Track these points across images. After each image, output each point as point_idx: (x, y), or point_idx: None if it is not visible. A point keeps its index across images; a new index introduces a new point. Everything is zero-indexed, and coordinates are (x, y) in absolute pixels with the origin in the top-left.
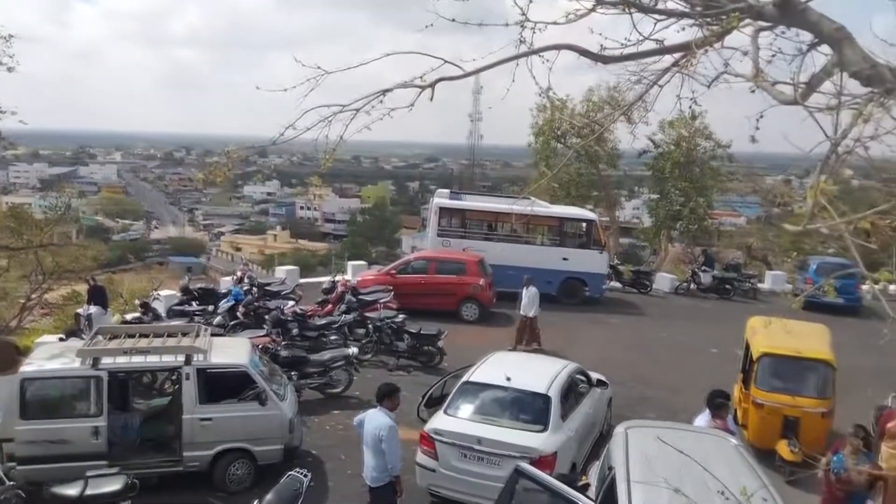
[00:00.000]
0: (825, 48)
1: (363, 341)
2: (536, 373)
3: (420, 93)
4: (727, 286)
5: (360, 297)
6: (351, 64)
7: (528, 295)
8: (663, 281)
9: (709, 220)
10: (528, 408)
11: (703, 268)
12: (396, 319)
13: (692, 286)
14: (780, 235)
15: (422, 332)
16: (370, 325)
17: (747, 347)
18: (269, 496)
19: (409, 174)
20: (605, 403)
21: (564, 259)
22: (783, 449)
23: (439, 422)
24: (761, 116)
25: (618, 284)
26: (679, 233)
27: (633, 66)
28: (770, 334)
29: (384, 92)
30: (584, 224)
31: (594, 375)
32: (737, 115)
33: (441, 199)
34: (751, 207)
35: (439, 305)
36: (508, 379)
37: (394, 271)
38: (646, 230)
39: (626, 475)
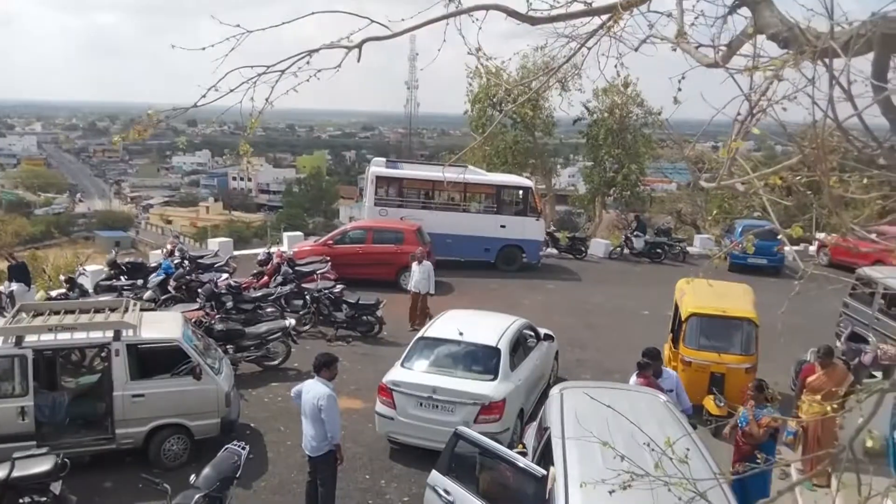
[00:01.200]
0: (746, 11)
1: (301, 313)
2: (487, 328)
3: (347, 54)
4: (658, 250)
5: (296, 268)
6: (276, 25)
7: (421, 270)
8: (598, 246)
9: (641, 186)
10: (479, 359)
11: (636, 233)
12: (334, 290)
13: (625, 251)
14: (709, 200)
15: (360, 302)
16: (307, 297)
17: (676, 308)
18: (206, 470)
19: (346, 143)
20: (552, 356)
21: (502, 226)
22: (710, 404)
23: (396, 374)
24: (683, 78)
25: (554, 251)
26: (613, 199)
27: (562, 29)
28: (697, 295)
29: (310, 53)
30: (520, 192)
31: (542, 330)
32: (668, 83)
33: (377, 167)
34: (681, 174)
35: (378, 275)
36: (461, 333)
37: (331, 242)
38: (581, 197)
39: (560, 433)
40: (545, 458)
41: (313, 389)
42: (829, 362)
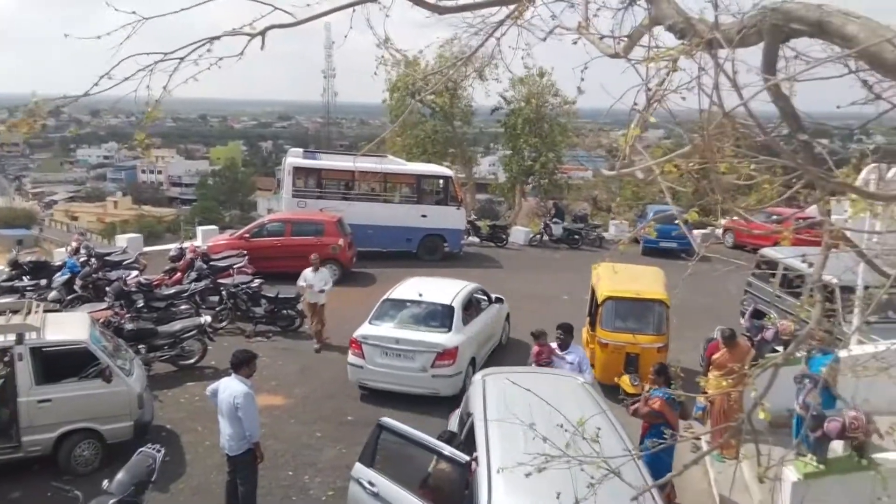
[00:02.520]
0: (644, 3)
1: (217, 309)
2: (443, 290)
3: (250, 41)
4: (576, 236)
5: (211, 263)
6: (174, 11)
7: (319, 278)
8: (518, 234)
9: (558, 174)
10: (436, 316)
11: (554, 220)
12: (252, 284)
13: (545, 238)
14: (623, 187)
15: (280, 295)
16: (224, 292)
17: (593, 293)
18: (119, 475)
19: (262, 133)
20: (504, 318)
21: (423, 216)
22: (625, 383)
23: (365, 329)
24: (586, 68)
25: (475, 239)
26: (532, 187)
27: (472, 19)
28: (612, 279)
29: (211, 40)
30: (441, 181)
31: (494, 295)
32: (586, 74)
33: (295, 158)
34: (596, 161)
35: (298, 268)
36: (420, 295)
37: (247, 235)
38: (501, 185)
39: (483, 418)
40: (468, 443)
41: (230, 387)
42: (732, 341)
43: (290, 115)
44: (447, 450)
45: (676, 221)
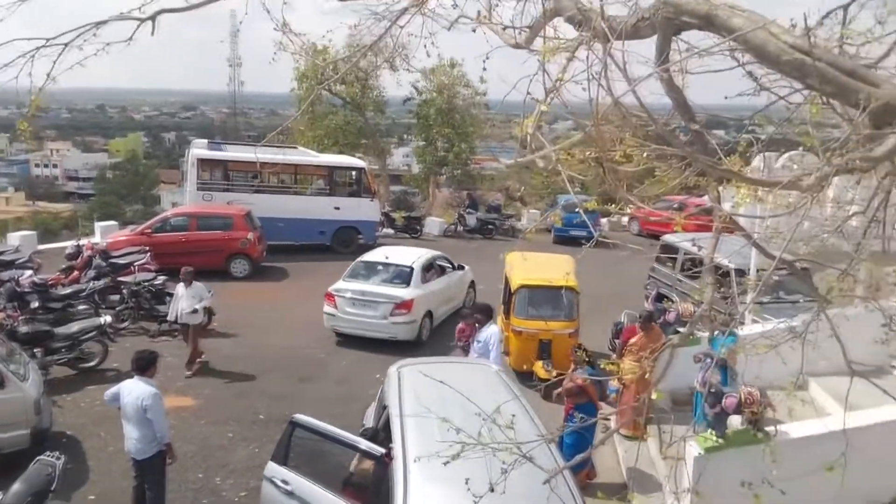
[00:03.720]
0: None
1: (118, 308)
2: (406, 255)
3: (139, 26)
4: (490, 226)
5: (111, 260)
6: None
7: (195, 294)
8: (433, 225)
9: (472, 164)
10: (398, 274)
11: (468, 210)
12: (155, 282)
13: (459, 228)
14: (534, 177)
15: None
16: (125, 291)
17: (507, 281)
18: (16, 486)
19: (164, 124)
20: (466, 284)
21: (336, 208)
22: (539, 369)
23: (338, 284)
24: (487, 58)
25: (390, 230)
26: (446, 178)
27: (375, 6)
28: (524, 268)
29: (97, 24)
30: (353, 172)
31: (458, 263)
32: (496, 63)
33: (199, 150)
34: (509, 152)
35: (205, 263)
36: (387, 258)
37: (149, 230)
38: (415, 176)
39: (398, 410)
40: (385, 436)
41: (135, 389)
42: (648, 325)
43: (194, 106)
44: (363, 443)
45: (577, 210)
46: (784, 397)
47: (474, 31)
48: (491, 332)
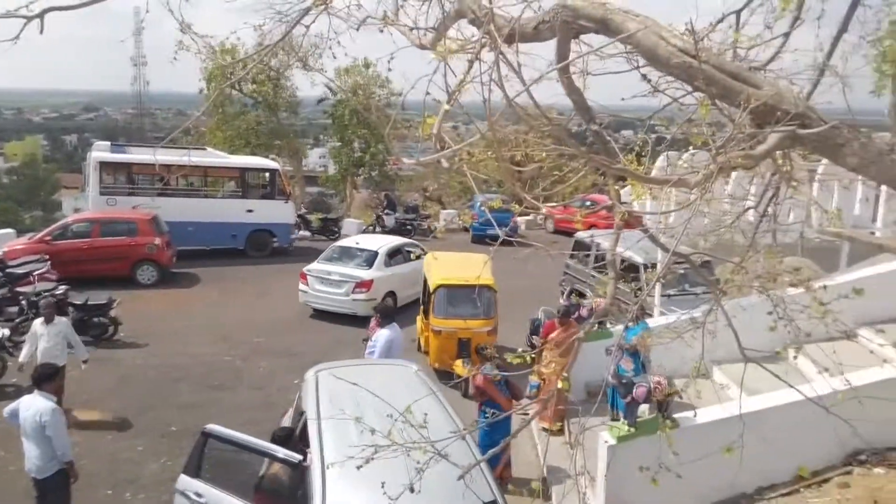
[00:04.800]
0: None
1: (16, 321)
2: (376, 241)
3: (26, 23)
4: (408, 226)
5: (7, 270)
6: None
7: (58, 333)
8: (351, 226)
9: (389, 165)
10: (364, 258)
11: (387, 211)
12: (56, 292)
13: (377, 229)
14: (451, 178)
15: (89, 302)
16: (24, 302)
17: (426, 282)
18: None
19: (65, 126)
20: None
21: (249, 211)
22: (459, 367)
23: (312, 265)
24: (392, 58)
25: (307, 233)
26: (363, 179)
27: (280, 5)
28: (442, 267)
29: None
30: (266, 174)
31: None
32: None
33: (101, 152)
34: (425, 153)
35: (110, 271)
36: (357, 243)
37: (49, 238)
38: (332, 178)
39: (316, 415)
40: (302, 442)
41: (34, 405)
42: (566, 320)
43: (97, 107)
44: (281, 452)
45: (482, 208)
46: (692, 384)
47: (381, 31)
48: (378, 335)
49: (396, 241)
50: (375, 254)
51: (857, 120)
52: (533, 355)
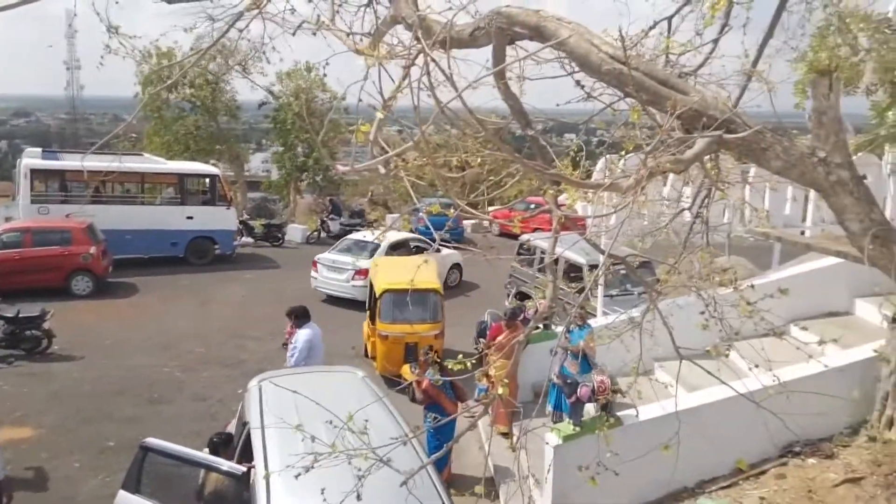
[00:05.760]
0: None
1: None
2: (387, 236)
3: None
4: (353, 231)
5: None
6: None
7: None
8: (295, 232)
9: (333, 170)
10: (369, 249)
11: (332, 216)
12: None
13: (322, 234)
14: (396, 183)
15: (20, 315)
16: None
17: (371, 287)
18: None
19: None
20: (448, 265)
21: (189, 218)
22: (406, 372)
23: (322, 255)
24: (327, 63)
25: (250, 239)
26: (307, 184)
27: (211, 9)
28: (388, 271)
29: None
30: (206, 180)
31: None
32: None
33: (32, 159)
34: (369, 158)
35: (44, 282)
36: (365, 237)
37: None
38: (275, 183)
39: (259, 424)
40: (246, 453)
41: None
42: (513, 322)
43: (28, 112)
44: (224, 465)
45: (421, 214)
46: (633, 383)
47: (314, 34)
48: (297, 337)
49: (403, 235)
50: (377, 245)
51: (783, 123)
52: (475, 360)
